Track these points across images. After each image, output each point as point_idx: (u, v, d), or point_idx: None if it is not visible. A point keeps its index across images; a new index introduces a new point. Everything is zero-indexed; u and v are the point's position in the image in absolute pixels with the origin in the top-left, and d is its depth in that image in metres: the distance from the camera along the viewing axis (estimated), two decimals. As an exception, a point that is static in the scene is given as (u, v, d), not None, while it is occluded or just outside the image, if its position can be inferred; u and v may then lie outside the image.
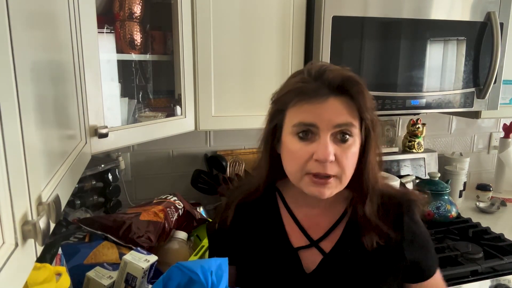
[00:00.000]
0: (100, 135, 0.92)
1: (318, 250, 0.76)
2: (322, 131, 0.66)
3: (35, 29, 0.54)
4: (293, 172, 0.71)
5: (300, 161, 0.68)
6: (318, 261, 0.75)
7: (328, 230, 0.77)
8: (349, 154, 0.68)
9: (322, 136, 0.66)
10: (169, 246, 1.13)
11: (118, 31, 1.19)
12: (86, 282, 0.86)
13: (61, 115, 0.67)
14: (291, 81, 0.72)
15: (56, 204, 0.49)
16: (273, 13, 1.31)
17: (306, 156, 0.68)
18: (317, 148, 0.66)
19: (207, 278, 0.62)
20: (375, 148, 0.73)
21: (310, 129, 0.67)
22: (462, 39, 1.39)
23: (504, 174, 2.02)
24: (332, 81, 0.67)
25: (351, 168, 0.70)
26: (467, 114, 1.63)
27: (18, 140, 0.41)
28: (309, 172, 0.68)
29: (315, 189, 0.69)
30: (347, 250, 0.74)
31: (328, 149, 0.65)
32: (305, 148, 0.68)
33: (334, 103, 0.67)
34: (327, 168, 0.66)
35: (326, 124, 0.66)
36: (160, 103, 1.36)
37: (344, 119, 0.66)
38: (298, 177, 0.70)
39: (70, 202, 1.26)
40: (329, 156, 0.65)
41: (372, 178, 0.73)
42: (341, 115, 0.66)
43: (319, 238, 0.76)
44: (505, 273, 1.27)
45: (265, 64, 1.34)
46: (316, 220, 0.78)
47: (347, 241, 0.75)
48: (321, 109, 0.66)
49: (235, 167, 1.65)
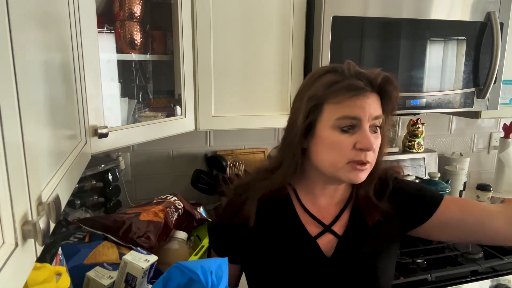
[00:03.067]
0: (100, 135, 0.92)
1: (333, 234, 0.82)
2: (364, 123, 0.73)
3: (35, 29, 0.54)
4: (335, 161, 0.76)
5: (344, 150, 0.74)
6: (335, 245, 0.81)
7: (337, 215, 0.84)
8: (379, 143, 0.77)
9: (364, 127, 0.73)
10: (169, 246, 1.13)
11: (118, 31, 1.19)
12: (86, 282, 0.86)
13: (61, 115, 0.67)
14: (329, 78, 0.76)
15: (56, 204, 0.49)
16: (273, 13, 1.31)
17: (350, 145, 0.74)
18: (361, 138, 0.73)
19: (207, 278, 0.62)
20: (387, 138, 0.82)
21: (352, 122, 0.74)
22: (462, 39, 1.39)
23: (504, 174, 2.02)
24: (375, 79, 0.75)
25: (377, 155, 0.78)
26: (467, 114, 1.63)
27: (18, 140, 0.41)
28: (352, 160, 0.74)
29: (354, 175, 0.75)
30: (356, 230, 0.82)
31: (371, 139, 0.73)
32: (348, 139, 0.74)
33: (373, 98, 0.75)
34: (368, 156, 0.74)
35: (368, 117, 0.73)
36: (160, 103, 1.36)
37: (379, 112, 0.75)
38: (340, 165, 0.75)
39: (70, 202, 1.26)
40: (373, 145, 0.73)
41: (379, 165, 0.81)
42: (378, 109, 0.75)
43: (330, 223, 0.83)
44: (505, 273, 1.27)
45: (265, 64, 1.34)
46: (328, 209, 0.85)
47: (355, 223, 0.83)
48: (365, 104, 0.73)
49: (235, 167, 1.65)
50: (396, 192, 0.85)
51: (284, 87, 1.38)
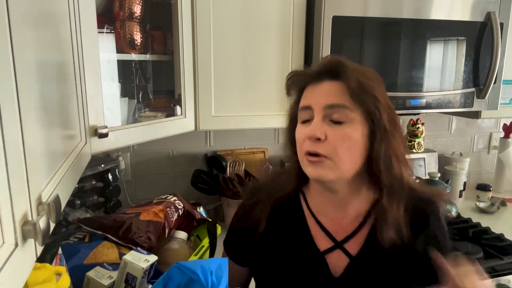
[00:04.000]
0: (100, 135, 0.92)
1: (344, 253, 0.75)
2: (315, 111, 0.69)
3: (35, 29, 0.54)
4: (299, 154, 0.73)
5: (300, 142, 0.72)
6: (345, 265, 0.74)
7: (352, 232, 0.75)
8: (343, 135, 0.68)
9: (315, 116, 0.69)
10: (169, 246, 1.13)
11: (118, 31, 1.19)
12: (86, 282, 0.85)
13: (61, 115, 0.67)
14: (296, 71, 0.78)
15: (56, 204, 0.49)
16: (273, 13, 1.31)
17: (303, 136, 0.70)
18: (310, 127, 0.69)
19: (207, 278, 0.62)
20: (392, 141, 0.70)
21: (309, 113, 0.71)
22: (462, 39, 1.39)
23: (504, 174, 2.02)
24: (326, 66, 0.71)
25: (347, 152, 0.68)
26: (467, 114, 1.63)
27: (18, 140, 0.41)
28: (305, 151, 0.70)
29: (311, 169, 0.70)
30: (374, 252, 0.73)
31: (317, 126, 0.68)
32: (303, 130, 0.71)
33: (328, 85, 0.70)
34: (315, 146, 0.68)
35: (318, 105, 0.69)
36: (160, 103, 1.36)
37: (335, 100, 0.68)
38: (301, 159, 0.72)
39: (70, 202, 1.26)
40: (316, 132, 0.67)
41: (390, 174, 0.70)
42: (333, 96, 0.69)
43: (343, 240, 0.75)
44: (505, 273, 1.27)
45: (265, 64, 1.34)
46: (341, 222, 0.76)
47: (374, 243, 0.73)
48: (316, 92, 0.71)
49: (235, 167, 1.65)
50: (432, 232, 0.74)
51: (284, 87, 1.37)
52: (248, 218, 0.81)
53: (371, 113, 0.69)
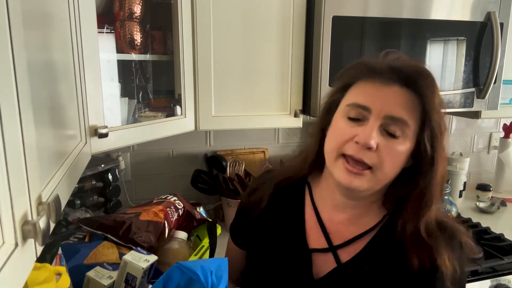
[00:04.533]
0: (100, 135, 0.92)
1: (334, 257, 0.71)
2: (373, 116, 0.62)
3: (35, 29, 0.54)
4: (331, 150, 0.67)
5: (340, 140, 0.64)
6: (330, 269, 0.70)
7: (350, 239, 0.71)
8: (394, 149, 0.62)
9: (371, 121, 0.62)
10: (169, 246, 1.13)
11: (118, 31, 1.19)
12: (86, 282, 0.85)
13: (61, 115, 0.67)
14: (363, 59, 0.70)
15: (56, 204, 0.49)
16: (273, 13, 1.31)
17: (348, 136, 0.64)
18: (362, 131, 0.62)
19: (207, 278, 0.62)
20: (443, 162, 0.64)
21: (362, 113, 0.63)
22: (462, 39, 1.39)
23: (504, 174, 2.02)
24: (401, 68, 0.63)
25: (392, 167, 0.64)
26: (467, 114, 1.63)
27: (18, 140, 0.41)
28: (344, 153, 0.64)
29: (345, 176, 0.64)
30: (364, 266, 0.69)
31: (372, 134, 0.61)
32: (349, 129, 0.64)
33: (397, 92, 0.62)
34: (363, 154, 0.62)
35: (379, 110, 0.62)
36: (160, 103, 1.36)
37: (399, 113, 0.61)
38: (333, 157, 0.66)
39: (70, 202, 1.26)
40: (370, 140, 0.60)
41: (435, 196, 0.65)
42: (398, 107, 0.61)
43: (338, 245, 0.71)
44: (505, 273, 1.27)
45: (265, 64, 1.34)
46: (341, 226, 0.73)
47: (367, 257, 0.69)
48: (380, 94, 0.62)
49: (235, 167, 1.65)
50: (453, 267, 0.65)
51: (284, 87, 1.37)
52: (253, 195, 0.81)
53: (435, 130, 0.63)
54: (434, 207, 0.66)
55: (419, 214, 0.65)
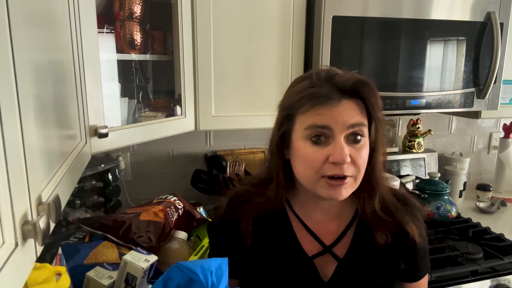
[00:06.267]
0: (100, 135, 0.92)
1: (332, 256, 0.76)
2: (336, 133, 0.67)
3: (35, 29, 0.54)
4: (308, 176, 0.70)
5: (316, 164, 0.68)
6: (334, 268, 0.76)
7: (339, 235, 0.77)
8: (362, 154, 0.69)
9: (337, 138, 0.67)
10: (169, 246, 1.13)
11: (118, 31, 1.19)
12: (86, 282, 0.86)
13: (61, 115, 0.67)
14: (300, 87, 0.72)
15: (56, 204, 0.49)
16: (273, 13, 1.31)
17: (322, 158, 0.68)
18: (333, 150, 0.67)
19: (207, 278, 0.62)
20: (382, 147, 0.74)
21: (324, 132, 0.68)
22: (462, 39, 1.39)
23: (504, 174, 2.02)
24: (344, 84, 0.68)
25: (364, 168, 0.71)
26: (467, 114, 1.63)
27: (18, 140, 0.41)
28: (325, 175, 0.68)
29: (332, 192, 0.69)
30: (360, 253, 0.76)
31: (345, 150, 0.66)
32: (320, 152, 0.68)
33: (347, 105, 0.68)
34: (344, 170, 0.67)
35: (340, 126, 0.67)
36: (160, 103, 1.36)
37: (357, 120, 0.68)
38: (314, 180, 0.70)
39: (70, 202, 1.26)
40: (346, 158, 0.66)
41: (380, 177, 0.74)
42: (354, 116, 0.68)
43: (331, 244, 0.77)
44: (505, 273, 1.27)
45: (265, 64, 1.34)
46: (327, 226, 0.78)
47: (359, 245, 0.77)
48: (335, 112, 0.67)
49: (235, 167, 1.65)
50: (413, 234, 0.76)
51: (284, 87, 1.34)
52: (232, 235, 0.79)
53: (378, 125, 0.71)
54: (383, 186, 0.75)
55: (371, 196, 0.74)
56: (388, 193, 0.78)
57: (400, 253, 0.78)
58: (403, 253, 0.78)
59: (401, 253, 0.78)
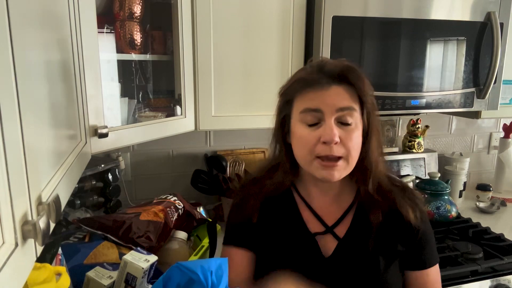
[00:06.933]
0: (100, 135, 0.92)
1: (333, 236, 0.82)
2: (327, 115, 0.73)
3: (35, 29, 0.54)
4: (303, 156, 0.77)
5: (309, 145, 0.75)
6: (334, 246, 0.81)
7: (340, 216, 0.84)
8: (352, 136, 0.74)
9: (327, 120, 0.73)
10: (169, 246, 1.13)
11: (118, 31, 1.19)
12: (86, 282, 0.86)
13: (61, 115, 0.67)
14: (296, 75, 0.81)
15: (56, 204, 0.49)
16: (273, 13, 1.31)
17: (314, 140, 0.74)
18: (323, 131, 0.73)
19: (207, 278, 0.62)
20: (376, 132, 0.79)
21: (316, 115, 0.74)
22: (462, 39, 1.39)
23: (504, 174, 2.02)
24: (333, 71, 0.75)
25: (356, 150, 0.76)
26: (467, 114, 1.63)
27: (18, 140, 0.41)
28: (318, 155, 0.74)
29: (325, 172, 0.75)
30: (358, 233, 0.81)
31: (334, 131, 0.72)
32: (312, 133, 0.75)
33: (336, 89, 0.74)
34: (334, 150, 0.73)
35: (330, 108, 0.73)
36: (160, 103, 1.36)
37: (346, 103, 0.74)
38: (308, 161, 0.76)
39: (70, 202, 1.26)
40: (334, 137, 0.72)
41: (374, 160, 0.79)
42: (343, 100, 0.74)
43: (333, 224, 0.83)
44: (505, 273, 1.27)
45: (265, 64, 1.34)
46: (329, 208, 0.85)
47: (358, 226, 0.82)
48: (325, 96, 0.74)
49: (235, 167, 1.65)
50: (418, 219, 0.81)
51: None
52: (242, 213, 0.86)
53: (369, 109, 0.77)
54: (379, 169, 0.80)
55: (365, 177, 0.80)
56: (385, 177, 0.83)
57: (396, 233, 0.81)
58: (399, 234, 0.81)
59: (396, 234, 0.81)
